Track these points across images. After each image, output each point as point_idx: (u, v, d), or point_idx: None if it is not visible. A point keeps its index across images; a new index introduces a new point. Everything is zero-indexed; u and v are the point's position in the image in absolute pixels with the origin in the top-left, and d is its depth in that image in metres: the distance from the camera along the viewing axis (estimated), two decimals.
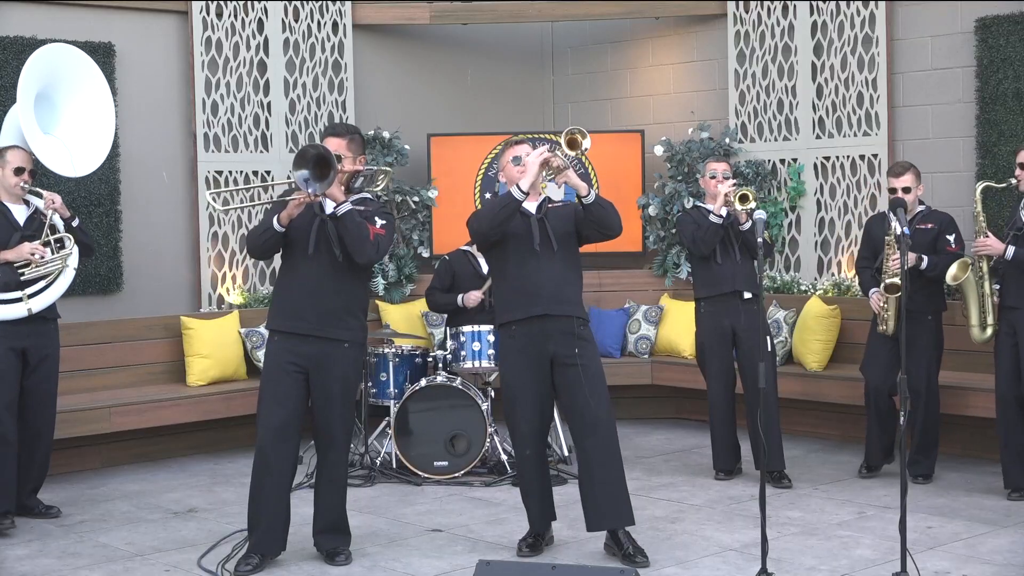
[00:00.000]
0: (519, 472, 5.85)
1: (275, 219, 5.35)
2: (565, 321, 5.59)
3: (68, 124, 6.64)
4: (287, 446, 5.46)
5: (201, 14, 8.51)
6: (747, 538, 5.83)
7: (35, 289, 6.19)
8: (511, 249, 5.63)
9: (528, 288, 5.58)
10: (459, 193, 9.28)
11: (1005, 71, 7.76)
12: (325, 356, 5.45)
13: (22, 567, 5.62)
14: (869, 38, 8.45)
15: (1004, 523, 6.07)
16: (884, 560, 5.41)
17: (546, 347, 5.59)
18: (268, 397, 5.47)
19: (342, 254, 5.40)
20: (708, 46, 9.37)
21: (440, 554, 5.71)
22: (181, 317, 8.10)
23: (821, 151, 8.74)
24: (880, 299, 6.82)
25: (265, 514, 5.46)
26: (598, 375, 5.61)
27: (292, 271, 5.48)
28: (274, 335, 5.52)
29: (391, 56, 9.55)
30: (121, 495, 7.02)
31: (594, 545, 5.79)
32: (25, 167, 6.28)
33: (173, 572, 5.50)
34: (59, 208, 6.34)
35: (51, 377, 6.40)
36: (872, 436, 7.01)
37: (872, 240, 7.03)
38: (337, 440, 5.56)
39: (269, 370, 5.50)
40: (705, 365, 7.12)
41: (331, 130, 5.58)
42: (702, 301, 7.05)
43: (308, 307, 5.42)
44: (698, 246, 6.91)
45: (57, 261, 6.28)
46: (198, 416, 7.70)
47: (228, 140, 8.64)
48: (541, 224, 5.63)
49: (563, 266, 5.64)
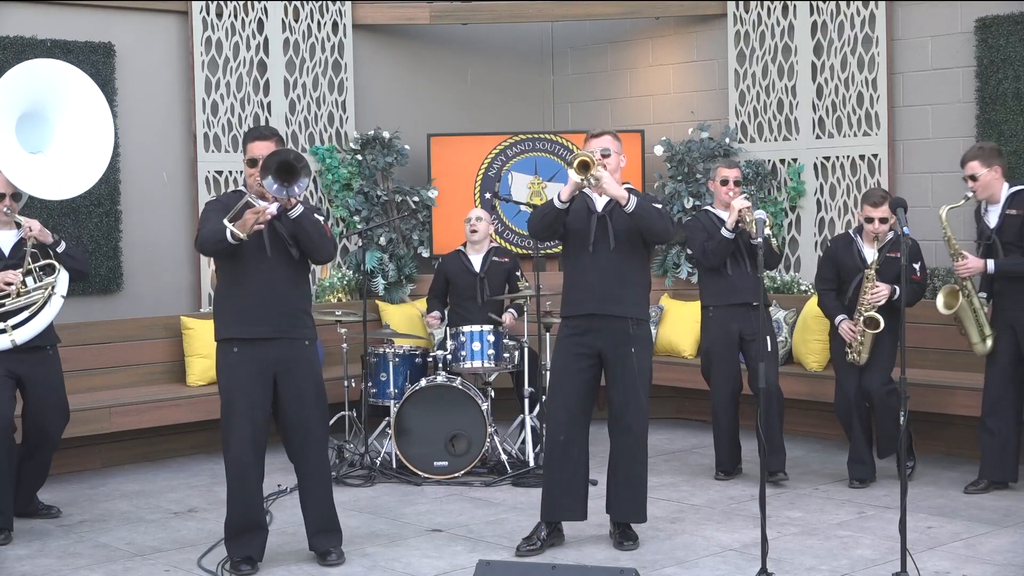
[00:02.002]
0: (546, 457, 5.87)
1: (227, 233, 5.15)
2: (615, 321, 5.68)
3: (61, 143, 6.33)
4: (260, 454, 5.44)
5: (201, 14, 8.51)
6: (747, 538, 5.83)
7: (19, 320, 5.98)
8: (570, 245, 5.76)
9: (581, 285, 5.71)
10: (459, 193, 9.28)
11: (1005, 71, 7.76)
12: (290, 358, 5.42)
13: (22, 567, 5.62)
14: (869, 38, 8.46)
15: (1004, 523, 6.07)
16: (884, 560, 5.41)
17: (595, 343, 5.71)
18: (239, 408, 5.36)
19: (298, 251, 5.38)
20: (708, 46, 9.37)
21: (440, 554, 5.71)
22: (181, 317, 8.10)
23: (821, 151, 8.75)
24: (854, 329, 6.74)
25: (247, 522, 5.44)
26: (634, 373, 5.69)
27: (243, 276, 5.35)
28: (231, 344, 5.38)
29: (391, 56, 9.56)
30: (121, 495, 7.02)
31: (594, 544, 5.80)
32: (6, 192, 6.07)
33: (173, 572, 5.50)
34: (37, 235, 6.10)
35: (52, 403, 6.28)
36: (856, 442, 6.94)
37: (836, 264, 6.92)
38: (318, 438, 5.54)
39: (235, 380, 5.37)
40: (711, 369, 7.07)
41: (257, 133, 5.50)
42: (710, 308, 7.01)
43: (267, 310, 5.35)
44: (708, 258, 6.86)
45: (39, 290, 6.05)
46: (198, 416, 7.69)
47: (228, 140, 8.65)
48: (601, 222, 5.68)
49: (620, 265, 5.69)
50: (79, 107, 6.37)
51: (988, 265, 6.45)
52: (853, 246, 6.87)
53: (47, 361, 6.25)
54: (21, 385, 6.20)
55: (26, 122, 6.25)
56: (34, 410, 6.26)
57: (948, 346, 7.30)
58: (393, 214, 9.05)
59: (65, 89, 6.35)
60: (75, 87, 6.39)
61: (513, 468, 7.11)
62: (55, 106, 6.32)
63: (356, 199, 8.95)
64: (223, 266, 5.46)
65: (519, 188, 9.32)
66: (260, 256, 5.33)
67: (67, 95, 6.35)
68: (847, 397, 6.89)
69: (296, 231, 5.34)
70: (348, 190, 8.95)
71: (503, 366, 7.38)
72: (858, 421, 6.89)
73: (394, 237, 9.05)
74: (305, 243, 5.38)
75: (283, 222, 5.35)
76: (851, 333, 6.75)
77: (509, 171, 9.37)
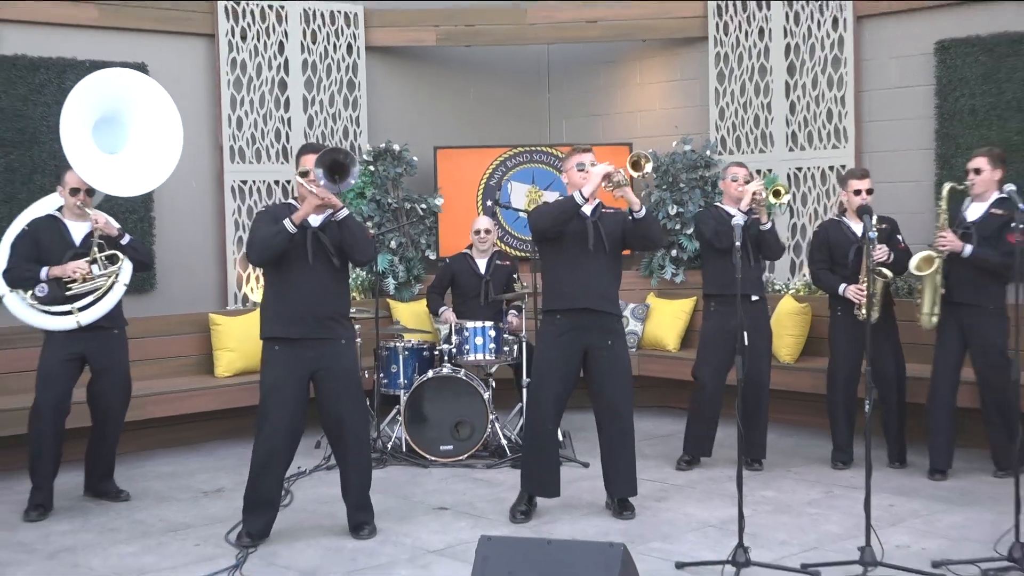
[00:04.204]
0: (533, 442, 5.91)
1: (287, 222, 5.31)
2: (603, 316, 5.79)
3: (135, 144, 6.47)
4: (291, 443, 5.51)
5: (227, 37, 8.55)
6: (725, 515, 5.86)
7: (85, 303, 6.13)
8: (567, 246, 5.79)
9: (577, 283, 5.75)
10: (463, 201, 9.32)
11: (962, 89, 7.79)
12: (328, 356, 5.47)
13: (65, 541, 5.67)
14: (838, 59, 8.49)
15: (959, 502, 6.11)
16: (850, 535, 5.45)
17: (583, 337, 5.79)
18: (275, 399, 5.44)
19: (339, 260, 5.45)
20: (690, 66, 9.40)
21: (446, 530, 5.75)
22: (209, 314, 8.14)
23: (794, 162, 8.78)
24: (861, 289, 6.64)
25: (263, 500, 5.50)
26: (625, 366, 5.86)
27: (286, 283, 5.44)
28: (274, 343, 5.46)
29: (401, 75, 9.59)
30: (155, 476, 7.06)
31: (587, 520, 5.84)
32: (80, 188, 6.18)
33: (203, 546, 5.54)
34: (103, 227, 6.21)
35: (117, 383, 6.33)
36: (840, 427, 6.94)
37: (830, 244, 6.93)
38: (358, 428, 5.58)
39: (275, 375, 5.45)
40: (706, 359, 6.89)
41: (311, 148, 5.53)
42: (712, 300, 6.87)
43: (306, 313, 5.41)
44: (720, 239, 6.67)
45: (104, 277, 6.18)
46: (225, 404, 7.73)
47: (252, 152, 8.69)
48: (596, 227, 5.78)
49: (608, 267, 5.82)
50: (152, 113, 6.51)
51: (965, 248, 6.42)
52: (841, 225, 6.89)
53: (112, 341, 6.31)
54: (87, 363, 6.25)
55: (104, 125, 6.39)
56: (99, 386, 6.31)
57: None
58: (403, 220, 9.08)
59: (139, 96, 6.49)
60: (149, 95, 6.53)
61: (512, 452, 7.14)
62: (130, 111, 6.47)
63: (369, 206, 8.98)
64: (270, 274, 5.53)
65: (518, 196, 9.37)
66: (303, 265, 5.40)
67: (141, 102, 6.49)
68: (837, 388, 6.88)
69: (343, 232, 5.42)
70: (362, 198, 8.99)
71: (503, 359, 7.41)
72: (843, 410, 6.89)
73: (404, 241, 9.09)
74: (350, 244, 5.44)
75: (328, 231, 5.43)
76: (859, 293, 6.68)
77: (509, 180, 9.41)
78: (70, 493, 6.44)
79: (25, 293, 6.18)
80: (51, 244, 6.16)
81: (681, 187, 8.98)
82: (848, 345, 6.84)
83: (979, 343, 6.50)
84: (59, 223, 6.23)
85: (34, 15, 7.71)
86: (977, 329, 6.49)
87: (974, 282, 6.49)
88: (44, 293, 6.08)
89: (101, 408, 6.35)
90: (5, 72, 7.55)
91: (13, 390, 7.09)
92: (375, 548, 5.45)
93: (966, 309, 6.51)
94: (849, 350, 6.84)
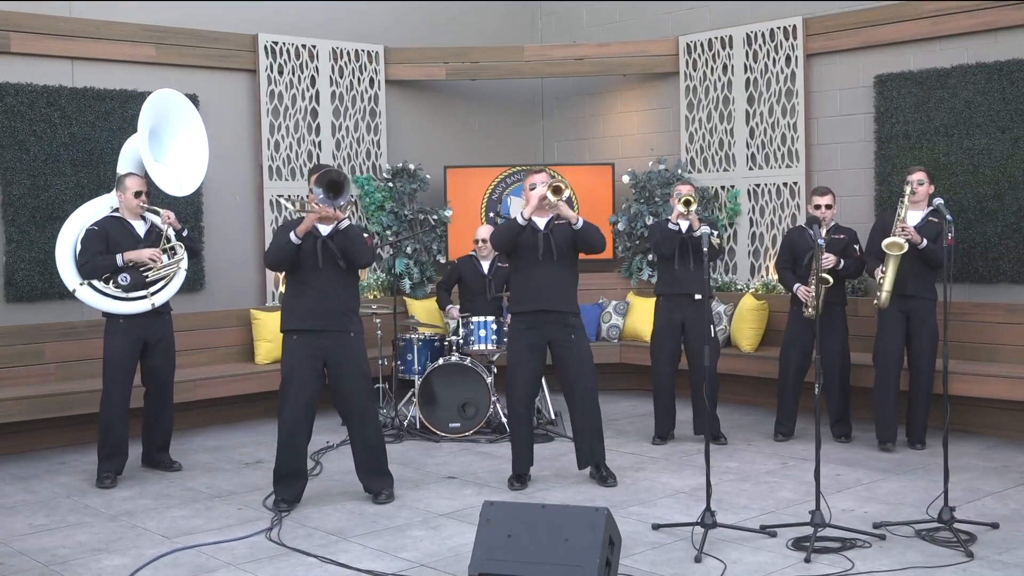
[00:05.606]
0: (513, 425, 5.90)
1: (291, 234, 5.35)
2: (560, 315, 5.75)
3: (174, 154, 6.53)
4: (309, 419, 5.48)
5: (266, 72, 8.51)
6: (695, 483, 5.85)
7: (156, 288, 6.16)
8: (523, 256, 5.77)
9: (532, 287, 5.74)
10: (469, 212, 9.28)
11: (897, 117, 7.76)
12: (339, 346, 5.45)
13: (125, 506, 5.65)
14: (791, 91, 8.46)
15: (896, 471, 6.08)
16: (802, 501, 5.42)
17: (544, 333, 5.76)
18: (293, 381, 5.42)
19: (346, 263, 5.43)
20: (664, 97, 9.37)
21: (454, 496, 5.73)
22: (251, 310, 8.11)
23: (753, 179, 8.74)
24: (809, 291, 6.70)
25: (290, 470, 5.47)
26: (587, 355, 5.82)
27: (302, 283, 5.45)
28: (292, 335, 5.46)
29: (416, 105, 9.55)
30: (203, 450, 7.03)
31: (576, 488, 5.81)
32: (142, 190, 6.21)
33: (244, 510, 5.52)
34: (173, 222, 6.28)
35: (168, 358, 6.33)
36: (787, 406, 6.93)
37: (792, 247, 6.94)
38: (367, 410, 5.54)
39: (293, 362, 5.44)
40: (657, 348, 6.94)
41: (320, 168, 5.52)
42: (661, 297, 6.95)
43: (320, 309, 5.41)
44: (659, 248, 6.77)
45: (172, 265, 6.24)
46: (263, 387, 7.67)
47: (288, 171, 8.65)
48: (546, 239, 5.75)
49: (561, 272, 5.76)
50: (185, 124, 6.55)
51: (924, 241, 6.40)
52: (805, 232, 6.88)
53: (165, 322, 6.31)
54: (145, 344, 6.21)
55: (151, 139, 6.41)
56: (152, 362, 6.28)
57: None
58: (417, 229, 9.05)
59: (174, 111, 6.51)
60: (181, 109, 6.54)
61: None
62: (168, 124, 6.49)
63: (388, 217, 8.95)
64: (289, 276, 5.53)
65: (516, 209, 9.32)
66: (315, 268, 5.41)
67: (176, 115, 6.52)
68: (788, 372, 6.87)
69: (345, 241, 5.40)
70: (382, 210, 8.96)
71: (503, 348, 7.38)
72: (791, 392, 6.89)
73: (418, 247, 9.05)
74: (351, 250, 5.42)
75: (335, 239, 5.40)
76: (808, 294, 6.70)
77: (508, 195, 9.37)
78: (129, 464, 6.38)
79: (106, 284, 6.10)
80: (120, 239, 6.16)
81: (656, 200, 8.95)
82: (802, 336, 6.82)
83: (921, 331, 6.48)
84: (124, 221, 6.23)
85: (100, 53, 7.67)
86: (922, 317, 6.47)
87: (919, 277, 6.49)
88: (127, 282, 6.08)
89: (158, 381, 6.33)
90: (76, 102, 7.51)
91: (83, 375, 7.05)
92: (393, 512, 5.42)
93: (912, 300, 6.49)
94: (804, 341, 6.81)
